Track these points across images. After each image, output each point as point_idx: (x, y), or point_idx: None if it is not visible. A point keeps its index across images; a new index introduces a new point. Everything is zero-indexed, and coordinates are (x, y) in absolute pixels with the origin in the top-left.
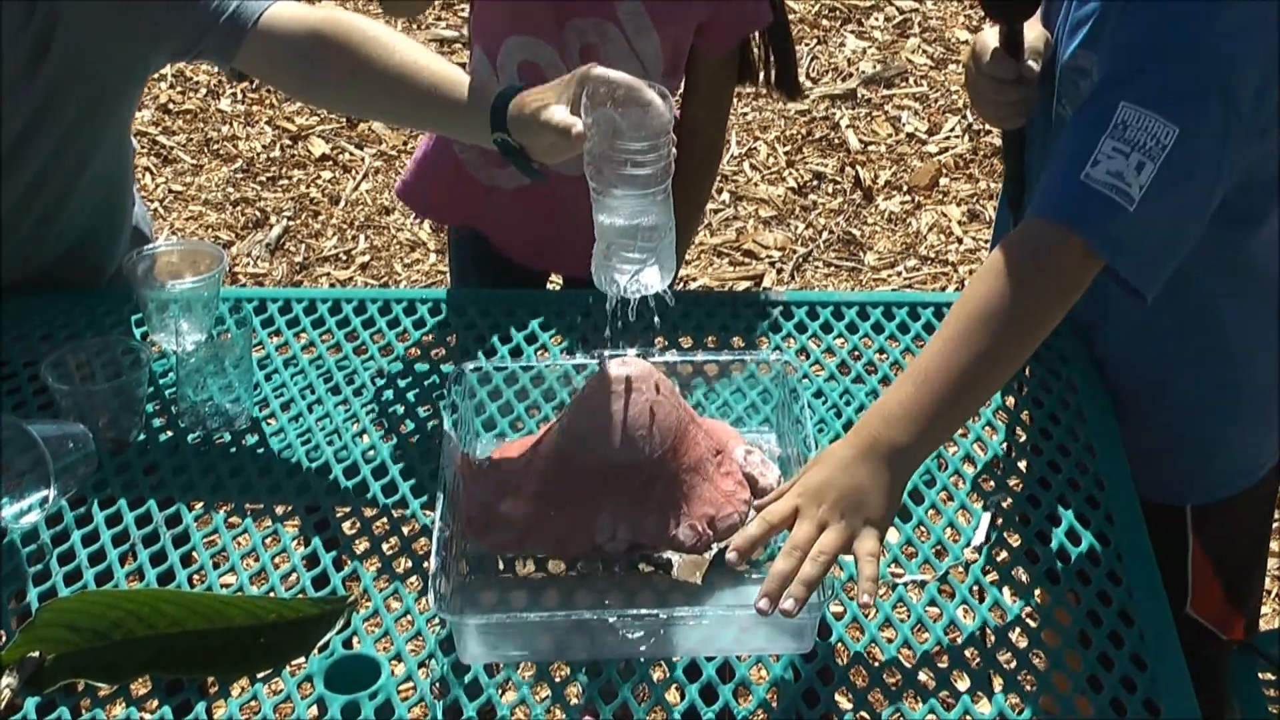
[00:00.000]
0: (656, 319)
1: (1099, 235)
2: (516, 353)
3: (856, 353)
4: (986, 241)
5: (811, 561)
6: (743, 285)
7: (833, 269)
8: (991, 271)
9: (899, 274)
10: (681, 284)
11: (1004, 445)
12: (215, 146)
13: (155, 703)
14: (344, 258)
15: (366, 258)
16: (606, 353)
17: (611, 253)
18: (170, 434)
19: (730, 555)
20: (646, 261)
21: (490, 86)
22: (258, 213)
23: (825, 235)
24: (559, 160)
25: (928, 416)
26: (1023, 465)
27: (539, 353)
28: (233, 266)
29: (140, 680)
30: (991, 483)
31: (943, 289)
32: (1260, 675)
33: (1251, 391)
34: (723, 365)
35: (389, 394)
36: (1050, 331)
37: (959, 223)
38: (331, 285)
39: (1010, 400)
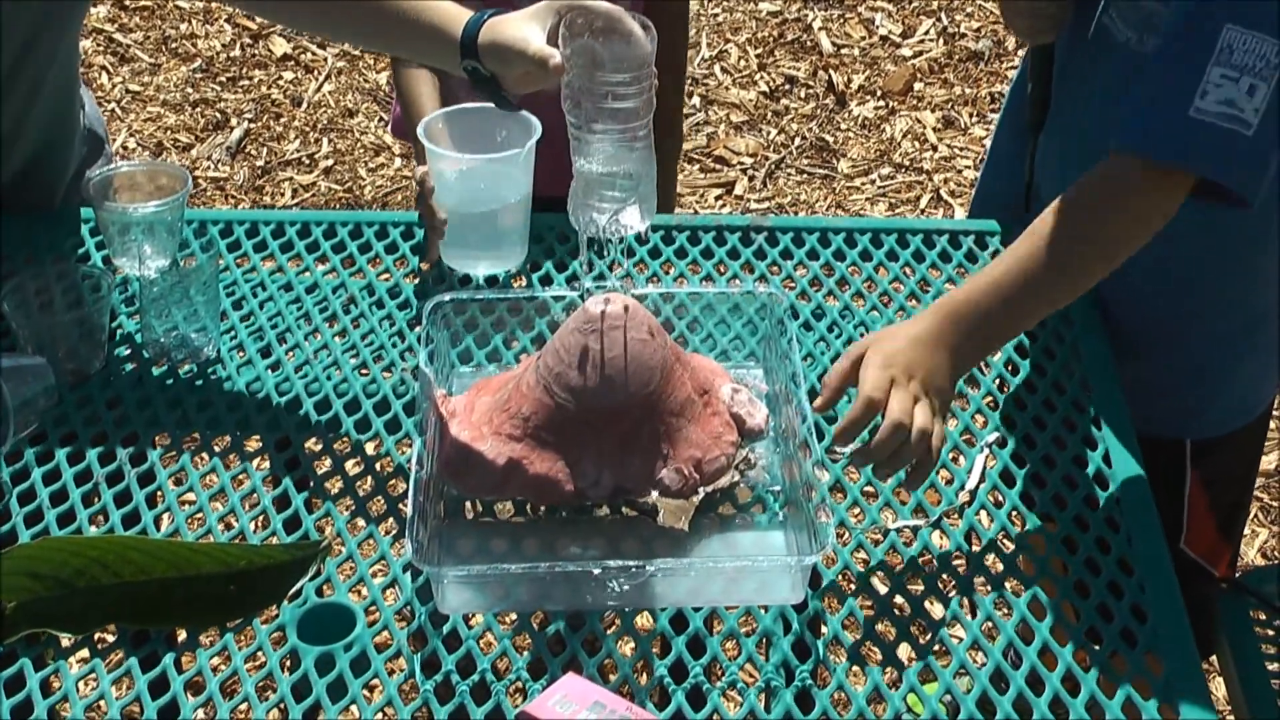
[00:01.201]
0: (637, 246)
1: (1222, 168)
2: (492, 280)
3: (844, 282)
4: (961, 149)
5: (930, 452)
6: (714, 193)
7: (805, 176)
8: (1081, 204)
9: (873, 182)
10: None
11: (996, 381)
12: (173, 45)
13: (121, 654)
14: (307, 162)
15: (330, 162)
16: (588, 284)
17: (590, 191)
18: (134, 365)
19: (837, 448)
20: (627, 200)
21: (460, 11)
22: (218, 114)
23: (798, 141)
24: (533, 91)
25: (991, 327)
26: (1017, 402)
27: (515, 280)
28: (193, 170)
29: (105, 631)
30: (986, 422)
31: (918, 199)
32: (1251, 614)
33: (1265, 330)
34: (707, 298)
35: (361, 324)
36: None
37: (934, 129)
38: (294, 190)
39: None
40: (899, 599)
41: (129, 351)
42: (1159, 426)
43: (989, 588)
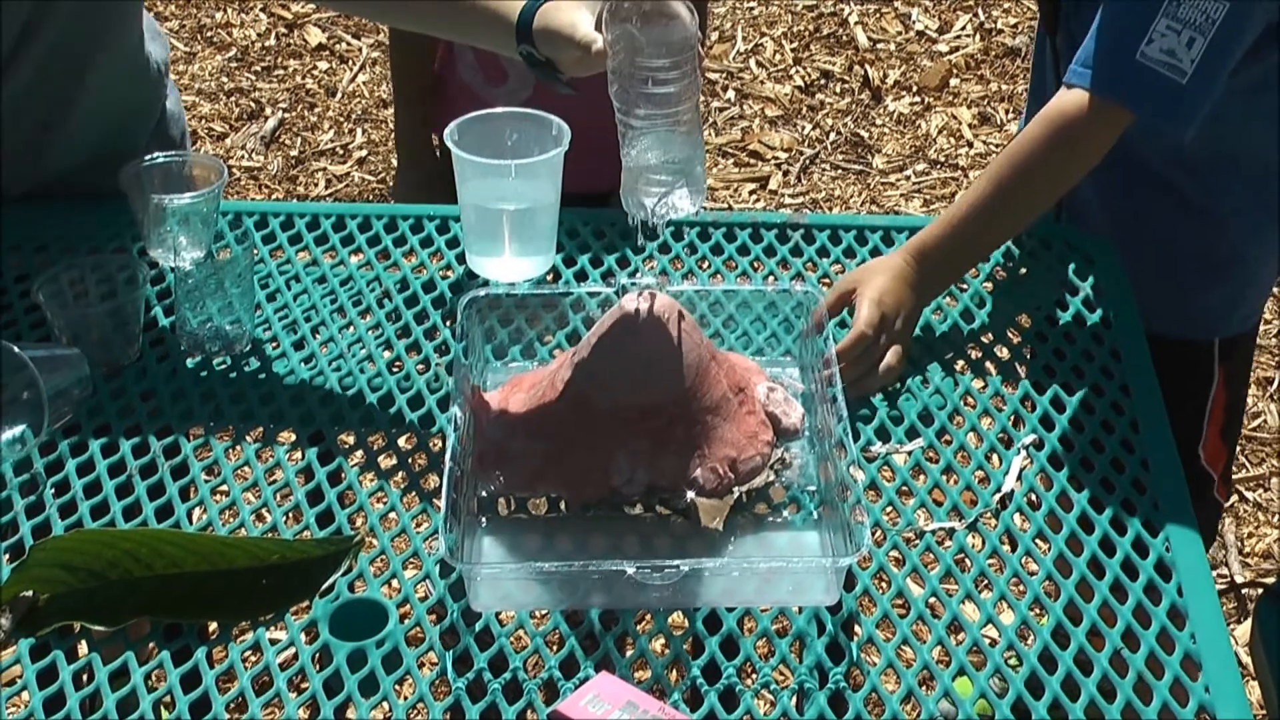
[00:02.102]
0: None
1: (1156, 110)
2: None
3: None
4: (997, 146)
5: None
6: (749, 187)
7: (840, 171)
8: (1036, 140)
9: (908, 178)
10: None
11: (1034, 383)
12: (209, 34)
13: (153, 646)
14: (340, 152)
15: (364, 152)
16: (623, 280)
17: (639, 176)
18: (169, 357)
19: (842, 369)
20: (675, 184)
21: None
22: (252, 104)
23: (833, 136)
24: (586, 75)
25: (954, 265)
26: (1055, 405)
27: (550, 275)
28: (227, 159)
29: (136, 622)
30: (1023, 424)
31: (953, 196)
32: None
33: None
34: (742, 295)
35: (395, 317)
36: None
37: (969, 126)
38: (327, 180)
39: (1030, 348)
40: (934, 601)
41: (163, 343)
42: (1190, 326)
43: (1024, 590)
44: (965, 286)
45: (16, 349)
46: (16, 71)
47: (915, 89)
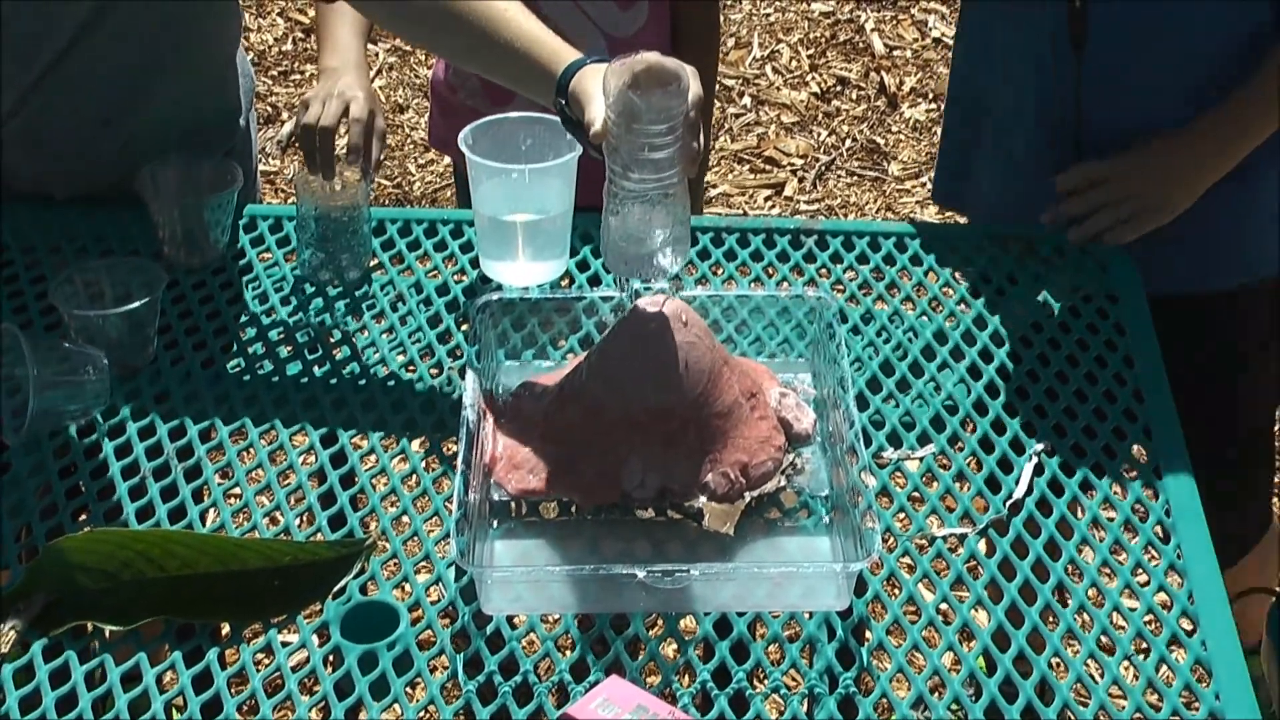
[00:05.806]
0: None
1: None
2: None
3: (894, 287)
4: None
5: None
6: (764, 194)
7: (856, 178)
8: None
9: (924, 185)
10: (703, 192)
11: (1046, 390)
12: None
13: (166, 648)
14: None
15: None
16: (636, 285)
17: (624, 237)
18: (183, 361)
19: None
20: (660, 248)
21: (567, 53)
22: (269, 109)
23: (848, 143)
24: None
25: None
26: (1067, 412)
27: (564, 281)
28: None
29: (150, 623)
30: (1035, 430)
31: None
32: None
33: None
34: (756, 300)
35: (409, 321)
36: None
37: None
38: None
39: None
40: (945, 607)
41: (178, 346)
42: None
43: (1035, 597)
44: (980, 293)
45: (30, 342)
46: (77, 59)
47: (931, 96)
